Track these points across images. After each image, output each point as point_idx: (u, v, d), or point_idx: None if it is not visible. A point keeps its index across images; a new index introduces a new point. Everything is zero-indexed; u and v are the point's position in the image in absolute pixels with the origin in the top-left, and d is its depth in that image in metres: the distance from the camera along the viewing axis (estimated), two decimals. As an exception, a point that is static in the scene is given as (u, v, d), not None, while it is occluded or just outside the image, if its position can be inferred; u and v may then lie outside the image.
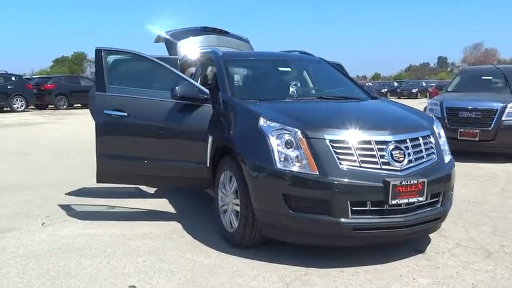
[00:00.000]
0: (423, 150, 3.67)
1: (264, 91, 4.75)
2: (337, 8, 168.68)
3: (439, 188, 3.64)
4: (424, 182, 3.46)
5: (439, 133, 3.97)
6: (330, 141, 3.45)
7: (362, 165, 3.42)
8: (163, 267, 3.52)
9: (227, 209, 4.01)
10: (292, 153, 3.47)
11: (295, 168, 3.42)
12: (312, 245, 3.67)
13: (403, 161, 3.49)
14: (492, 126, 7.87)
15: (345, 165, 3.39)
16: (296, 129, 3.51)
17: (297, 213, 3.39)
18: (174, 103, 4.40)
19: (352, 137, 3.49)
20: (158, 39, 6.79)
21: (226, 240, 4.01)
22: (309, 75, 5.30)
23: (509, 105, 7.90)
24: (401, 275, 3.38)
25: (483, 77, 9.64)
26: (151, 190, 6.01)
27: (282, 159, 3.46)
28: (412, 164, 3.54)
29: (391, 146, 3.50)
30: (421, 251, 3.83)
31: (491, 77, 9.48)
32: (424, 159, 3.64)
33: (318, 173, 3.37)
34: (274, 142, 3.51)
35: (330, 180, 3.34)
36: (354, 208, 3.36)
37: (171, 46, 6.49)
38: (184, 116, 4.39)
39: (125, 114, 4.43)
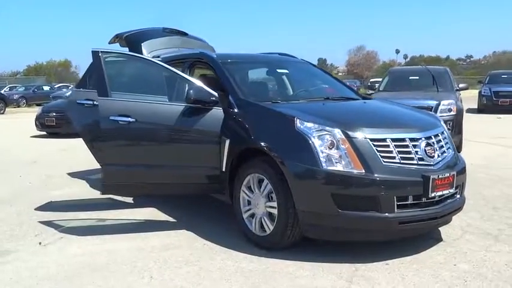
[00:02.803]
0: (443, 145, 3.96)
1: (274, 93, 4.77)
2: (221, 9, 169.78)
3: (460, 180, 3.96)
4: (454, 174, 3.75)
5: (446, 130, 4.30)
6: (371, 140, 3.59)
7: (402, 161, 3.60)
8: (215, 277, 3.42)
9: (255, 212, 3.98)
10: (335, 153, 3.55)
11: (340, 167, 3.51)
12: (356, 242, 3.79)
13: (434, 156, 3.74)
14: (429, 122, 8.56)
15: (387, 163, 3.56)
16: (337, 130, 3.61)
17: (346, 212, 3.48)
18: (183, 107, 4.26)
19: (389, 135, 3.66)
20: (114, 40, 6.46)
21: (255, 244, 3.97)
22: (305, 76, 5.40)
23: (442, 103, 8.65)
24: (441, 263, 3.61)
25: (410, 77, 10.46)
26: (129, 200, 5.71)
27: (326, 160, 3.53)
28: (440, 159, 3.80)
29: (423, 143, 3.74)
30: (439, 239, 4.11)
31: (417, 77, 10.31)
32: (446, 154, 3.93)
33: (364, 171, 3.49)
34: (317, 143, 3.57)
35: (377, 178, 3.48)
36: (398, 203, 3.53)
37: (133, 47, 6.21)
38: (195, 119, 4.27)
39: (133, 119, 4.20)
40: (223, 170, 4.23)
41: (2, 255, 3.94)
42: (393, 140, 3.65)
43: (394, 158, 3.60)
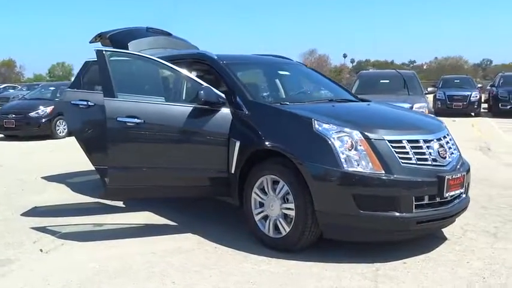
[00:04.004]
0: (451, 146, 4.09)
1: (280, 94, 4.75)
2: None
3: (467, 180, 4.09)
4: (464, 175, 3.88)
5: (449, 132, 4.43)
6: (389, 141, 3.65)
7: (418, 162, 3.69)
8: (240, 280, 3.38)
9: (269, 214, 3.95)
10: (354, 154, 3.59)
11: (360, 168, 3.55)
12: (373, 242, 3.84)
13: (446, 157, 3.86)
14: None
15: (405, 164, 3.63)
16: (356, 131, 3.65)
17: (367, 212, 3.52)
18: (191, 108, 4.19)
19: (405, 136, 3.74)
20: (96, 39, 6.26)
21: (268, 245, 3.95)
22: (304, 78, 5.42)
23: (415, 106, 8.93)
24: (454, 261, 3.72)
25: (381, 81, 10.72)
26: (119, 203, 5.51)
27: (346, 161, 3.56)
28: (450, 159, 3.92)
29: (436, 144, 3.84)
30: (444, 238, 4.22)
31: (387, 80, 10.59)
32: (454, 155, 4.05)
33: (383, 172, 3.55)
34: (337, 144, 3.59)
35: (397, 178, 3.54)
36: (416, 203, 3.61)
37: (119, 47, 6.04)
38: (203, 121, 4.21)
39: (141, 121, 4.09)
40: (232, 172, 4.18)
41: (4, 264, 3.73)
42: (409, 141, 3.72)
43: (410, 159, 3.67)
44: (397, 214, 3.54)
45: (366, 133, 3.65)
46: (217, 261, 3.74)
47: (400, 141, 3.70)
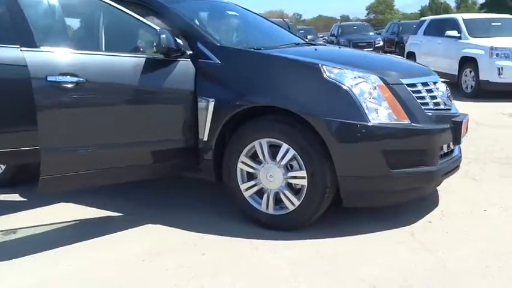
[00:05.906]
0: (444, 88, 3.72)
1: (244, 38, 3.85)
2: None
3: None
4: (468, 118, 3.54)
5: None
6: (408, 85, 3.12)
7: (435, 107, 3.24)
8: (278, 276, 2.62)
9: (266, 187, 3.16)
10: (375, 102, 2.98)
11: (385, 119, 2.97)
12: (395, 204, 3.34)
13: (451, 99, 3.48)
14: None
15: (427, 110, 3.15)
16: (373, 76, 3.03)
17: (397, 170, 2.96)
18: (144, 59, 3.14)
19: (417, 79, 3.26)
20: None
21: (268, 226, 3.17)
22: (254, 20, 4.52)
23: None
24: (472, 212, 3.41)
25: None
26: (15, 197, 4.06)
27: (370, 112, 2.94)
28: (452, 103, 3.56)
29: (442, 86, 3.43)
30: (434, 190, 3.85)
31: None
32: (447, 98, 3.70)
33: (409, 122, 3.01)
34: (356, 92, 2.94)
35: (425, 128, 3.05)
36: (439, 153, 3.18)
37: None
38: (161, 76, 3.19)
39: (82, 79, 2.91)
40: (205, 139, 3.27)
41: None
42: (422, 84, 3.24)
43: (427, 104, 3.20)
44: (427, 168, 3.06)
45: (385, 78, 3.06)
46: (221, 258, 2.86)
47: (415, 85, 3.19)
